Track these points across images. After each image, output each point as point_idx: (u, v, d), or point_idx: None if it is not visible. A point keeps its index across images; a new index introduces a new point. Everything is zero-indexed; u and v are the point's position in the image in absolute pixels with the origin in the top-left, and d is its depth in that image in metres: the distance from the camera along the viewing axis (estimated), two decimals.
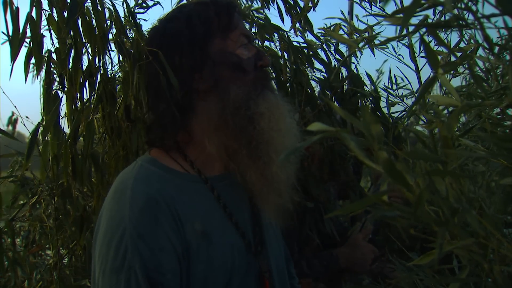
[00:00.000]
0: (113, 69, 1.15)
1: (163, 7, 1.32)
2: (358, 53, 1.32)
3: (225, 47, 0.83)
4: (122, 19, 1.06)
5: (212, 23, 0.83)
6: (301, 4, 1.32)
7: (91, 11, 0.97)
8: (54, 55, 0.98)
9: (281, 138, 0.82)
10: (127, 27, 1.09)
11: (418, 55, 1.04)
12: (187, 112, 0.83)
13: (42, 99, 0.97)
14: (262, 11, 1.37)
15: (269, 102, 0.83)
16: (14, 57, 0.85)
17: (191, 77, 0.82)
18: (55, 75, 1.03)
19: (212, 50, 0.83)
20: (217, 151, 0.82)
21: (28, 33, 0.90)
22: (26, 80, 0.93)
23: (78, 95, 1.00)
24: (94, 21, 0.98)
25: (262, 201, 0.84)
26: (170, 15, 0.88)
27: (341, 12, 1.15)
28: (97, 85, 1.01)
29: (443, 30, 0.88)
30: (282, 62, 1.31)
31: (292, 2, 1.32)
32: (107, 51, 1.00)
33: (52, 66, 1.00)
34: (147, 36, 0.95)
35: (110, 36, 1.02)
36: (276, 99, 0.84)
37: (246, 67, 0.83)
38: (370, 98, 1.34)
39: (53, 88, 0.99)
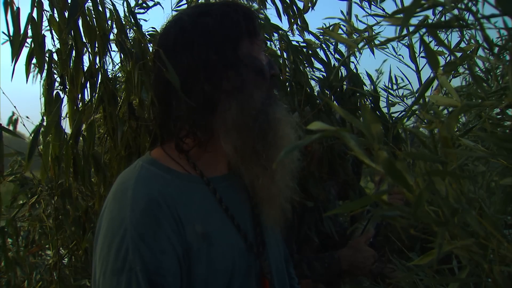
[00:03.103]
0: (114, 69, 1.15)
1: (163, 7, 1.32)
2: (357, 53, 1.32)
3: (252, 51, 0.84)
4: (122, 19, 1.06)
5: (241, 26, 0.84)
6: (299, 3, 1.32)
7: (92, 11, 0.97)
8: (55, 56, 0.98)
9: (281, 147, 0.82)
10: (127, 27, 1.10)
11: (419, 55, 1.04)
12: (209, 110, 0.82)
13: (43, 99, 0.98)
14: (262, 11, 1.37)
15: (282, 110, 0.85)
16: (15, 57, 0.85)
17: (220, 75, 0.81)
18: (56, 76, 1.03)
19: (241, 52, 0.83)
20: (231, 152, 0.82)
21: (29, 34, 0.90)
22: (27, 80, 0.94)
23: (79, 95, 1.00)
24: (94, 21, 0.98)
25: (268, 206, 0.85)
26: (196, 11, 0.86)
27: (341, 12, 1.15)
28: (98, 85, 1.02)
29: (443, 30, 0.88)
30: (281, 62, 1.31)
31: (288, 1, 1.32)
32: (108, 51, 1.00)
33: (53, 66, 1.00)
34: (161, 30, 0.92)
35: (111, 36, 1.02)
36: (281, 108, 0.86)
37: (266, 73, 0.85)
38: (370, 97, 1.34)
39: (54, 89, 0.99)
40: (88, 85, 1.00)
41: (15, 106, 1.36)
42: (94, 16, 0.97)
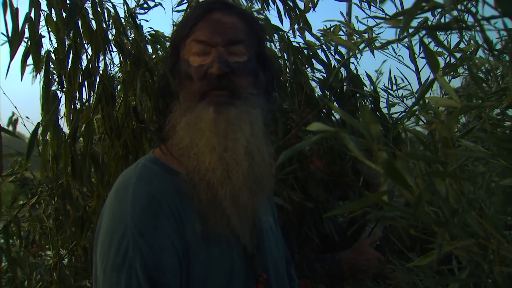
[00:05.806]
0: (113, 69, 1.15)
1: (164, 8, 1.32)
2: (358, 54, 1.31)
3: (183, 54, 0.85)
4: (122, 20, 1.06)
5: (182, 31, 0.86)
6: (300, 5, 1.32)
7: (89, 12, 0.97)
8: (53, 55, 0.98)
9: (200, 154, 0.79)
10: (128, 27, 1.10)
11: (418, 56, 1.04)
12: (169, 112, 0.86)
13: (41, 99, 0.98)
14: (262, 12, 1.37)
15: (193, 115, 0.80)
16: (13, 55, 0.85)
17: (173, 80, 0.86)
18: (54, 75, 1.03)
19: (180, 58, 0.86)
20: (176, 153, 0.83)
21: (27, 34, 0.90)
22: (22, 78, 0.94)
23: (77, 95, 1.00)
24: (94, 21, 0.98)
25: (210, 213, 0.79)
26: None
27: (341, 13, 1.15)
28: (96, 85, 1.02)
29: (443, 31, 0.88)
30: (281, 63, 1.31)
31: (291, 4, 1.32)
32: (107, 52, 1.00)
33: (52, 66, 1.00)
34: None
35: (110, 37, 1.02)
36: (206, 113, 0.79)
37: (194, 75, 0.81)
38: (370, 98, 1.34)
39: (52, 88, 0.99)
40: (86, 84, 1.00)
41: (15, 107, 1.36)
42: (92, 17, 0.97)
